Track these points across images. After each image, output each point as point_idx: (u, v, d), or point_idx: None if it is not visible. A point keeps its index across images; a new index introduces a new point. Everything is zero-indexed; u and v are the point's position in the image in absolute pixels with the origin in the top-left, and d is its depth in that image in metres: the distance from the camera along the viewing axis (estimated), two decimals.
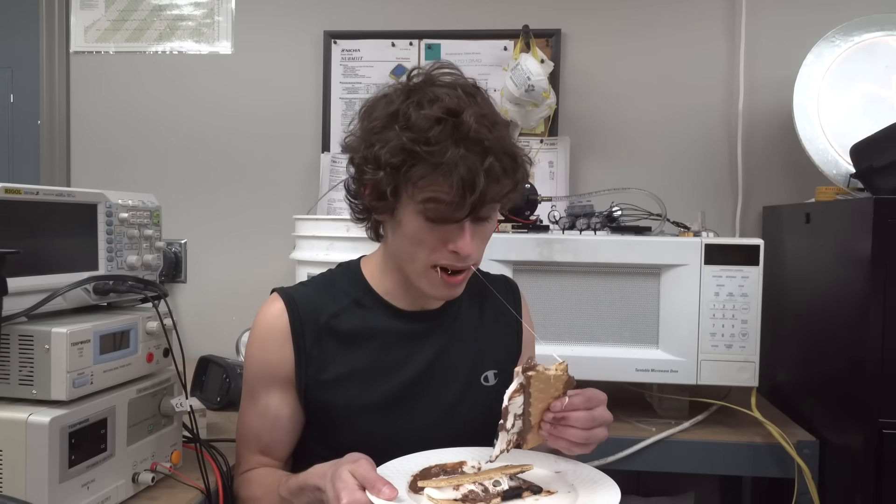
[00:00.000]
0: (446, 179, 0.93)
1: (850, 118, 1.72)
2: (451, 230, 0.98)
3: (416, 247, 1.01)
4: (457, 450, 1.02)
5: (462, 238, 0.98)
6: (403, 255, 1.04)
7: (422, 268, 1.02)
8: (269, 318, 1.10)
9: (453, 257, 1.00)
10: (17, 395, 0.95)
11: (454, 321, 1.16)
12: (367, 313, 1.12)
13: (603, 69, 2.00)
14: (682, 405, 1.55)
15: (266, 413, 1.12)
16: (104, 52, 2.15)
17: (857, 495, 1.28)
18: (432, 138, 0.93)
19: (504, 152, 0.97)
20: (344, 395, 1.09)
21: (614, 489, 0.91)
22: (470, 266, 1.03)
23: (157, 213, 1.24)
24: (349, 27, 2.06)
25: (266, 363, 1.11)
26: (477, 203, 0.95)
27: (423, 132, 0.94)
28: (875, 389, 1.26)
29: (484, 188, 0.93)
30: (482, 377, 1.15)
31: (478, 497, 0.90)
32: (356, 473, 0.88)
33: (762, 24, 1.95)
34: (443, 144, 0.93)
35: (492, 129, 0.97)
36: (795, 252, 1.64)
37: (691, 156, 1.98)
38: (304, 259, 1.71)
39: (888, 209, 1.24)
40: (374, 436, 1.08)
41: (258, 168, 2.11)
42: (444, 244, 1.00)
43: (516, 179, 1.00)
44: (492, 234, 1.06)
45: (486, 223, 1.02)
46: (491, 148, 0.95)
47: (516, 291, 1.25)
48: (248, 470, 1.14)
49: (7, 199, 0.95)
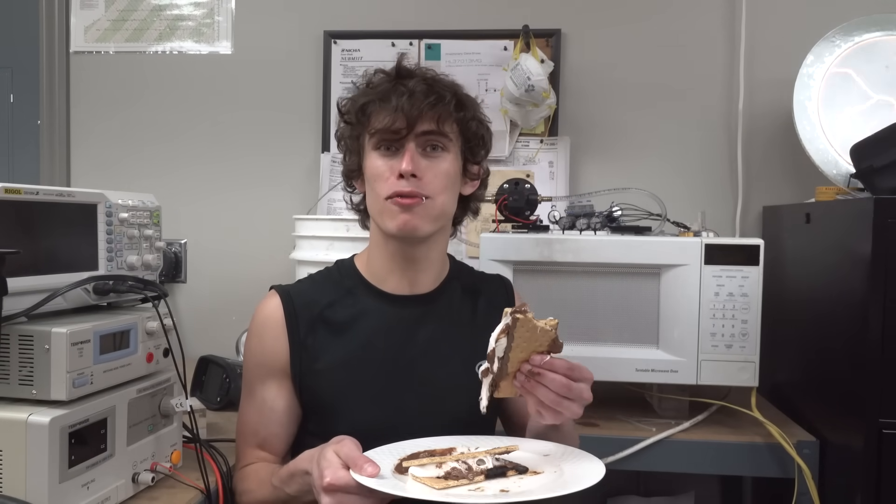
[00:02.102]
0: (384, 106, 1.08)
1: (850, 118, 1.72)
2: (399, 160, 1.08)
3: (375, 182, 1.10)
4: (447, 438, 1.03)
5: (402, 159, 1.08)
6: (370, 201, 1.14)
7: (381, 203, 1.10)
8: (265, 311, 1.15)
9: (402, 183, 1.08)
10: (17, 395, 0.95)
11: (448, 309, 1.18)
12: (359, 301, 1.15)
13: (603, 69, 2.00)
14: (682, 405, 1.55)
15: (262, 406, 1.14)
16: (104, 52, 2.15)
17: (857, 495, 1.28)
18: (377, 82, 1.13)
19: (441, 84, 1.12)
20: (337, 382, 1.11)
21: (598, 464, 0.91)
22: (421, 195, 1.08)
23: (157, 213, 1.24)
24: (349, 27, 2.05)
25: (262, 355, 1.14)
26: (409, 119, 1.07)
27: (371, 80, 1.15)
28: (875, 389, 1.26)
29: (409, 103, 1.07)
30: (476, 365, 1.16)
31: (461, 474, 0.90)
32: (340, 453, 0.90)
33: (762, 24, 1.95)
34: (383, 83, 1.12)
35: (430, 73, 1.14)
36: (795, 252, 1.64)
37: (691, 156, 1.98)
38: (304, 259, 1.71)
39: (888, 209, 1.24)
40: (368, 422, 1.09)
41: (258, 168, 2.11)
42: (394, 173, 1.08)
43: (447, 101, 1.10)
44: (447, 175, 1.12)
45: (437, 159, 1.10)
46: (426, 78, 1.11)
47: (510, 288, 1.28)
48: (245, 465, 1.15)
49: (7, 199, 0.95)
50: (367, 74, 1.17)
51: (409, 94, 1.07)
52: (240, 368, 1.46)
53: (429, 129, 1.09)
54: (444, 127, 1.10)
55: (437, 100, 1.09)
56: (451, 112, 1.11)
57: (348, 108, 1.15)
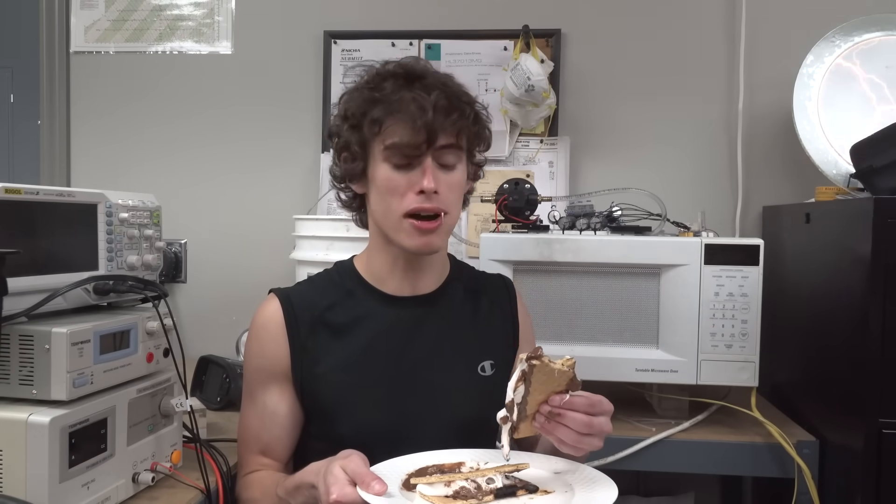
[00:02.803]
0: (401, 119, 1.04)
1: (850, 118, 1.72)
2: (416, 175, 1.06)
3: (389, 196, 1.07)
4: (455, 451, 1.02)
5: (425, 175, 1.05)
6: (380, 212, 1.10)
7: (397, 219, 1.07)
8: (264, 315, 1.14)
9: (422, 199, 1.06)
10: (17, 395, 0.95)
11: (449, 309, 1.17)
12: (359, 303, 1.14)
13: (603, 69, 2.00)
14: (682, 405, 1.55)
15: (264, 411, 1.13)
16: (104, 52, 2.15)
17: (857, 495, 1.28)
18: (387, 86, 1.07)
19: (453, 93, 1.08)
20: (339, 384, 1.10)
21: (611, 487, 0.90)
22: (441, 212, 1.07)
23: (157, 213, 1.24)
24: (349, 27, 2.05)
25: (263, 359, 1.13)
26: (429, 131, 1.03)
27: (380, 83, 1.08)
28: (875, 389, 1.26)
29: (432, 119, 1.03)
30: (479, 367, 1.16)
31: (469, 494, 0.89)
32: (347, 469, 0.89)
33: (762, 24, 1.95)
34: (395, 89, 1.06)
35: (444, 80, 1.09)
36: (795, 252, 1.64)
37: (691, 156, 1.98)
38: (304, 259, 1.71)
39: (888, 209, 1.24)
40: (370, 425, 1.09)
41: (258, 168, 2.11)
42: (412, 188, 1.06)
43: (466, 115, 1.09)
44: (462, 187, 1.12)
45: (451, 171, 1.09)
46: (439, 87, 1.07)
47: (511, 288, 1.27)
48: (249, 472, 1.14)
49: (7, 199, 0.95)
50: (370, 69, 1.12)
51: (430, 109, 1.04)
52: (240, 368, 1.46)
53: (447, 144, 1.07)
54: (461, 141, 1.09)
55: (459, 116, 1.07)
56: (470, 126, 1.10)
57: (354, 112, 1.09)
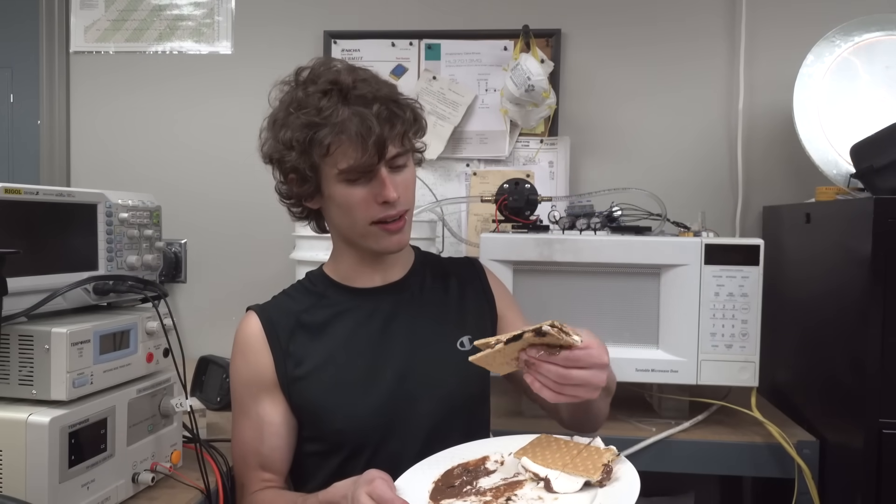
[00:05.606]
0: (349, 139, 1.04)
1: (850, 118, 1.71)
2: (373, 186, 1.08)
3: (351, 211, 1.10)
4: (477, 444, 1.03)
5: (385, 187, 1.07)
6: (345, 225, 1.13)
7: (363, 228, 1.11)
8: (245, 330, 1.16)
9: (385, 208, 1.09)
10: (17, 395, 0.96)
11: (420, 292, 1.21)
12: (332, 301, 1.18)
13: (603, 69, 2.00)
14: (683, 405, 1.55)
15: (260, 423, 1.13)
16: (104, 52, 2.15)
17: (857, 495, 1.28)
18: (324, 107, 1.05)
19: (388, 99, 1.08)
20: (325, 381, 1.11)
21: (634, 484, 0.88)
22: (404, 212, 1.11)
23: (157, 213, 1.24)
24: (349, 27, 2.05)
25: (250, 372, 1.14)
26: (380, 146, 1.04)
27: (315, 105, 1.06)
28: (875, 389, 1.26)
29: (379, 131, 1.04)
30: (458, 342, 1.18)
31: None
32: (373, 495, 0.88)
33: (762, 24, 1.94)
34: (334, 109, 1.05)
35: (374, 86, 1.08)
36: (795, 252, 1.64)
37: (691, 156, 1.98)
38: (303, 259, 1.71)
39: (888, 209, 1.24)
40: (360, 416, 1.10)
41: (258, 168, 2.09)
42: (373, 199, 1.08)
43: (407, 119, 1.10)
44: (414, 180, 1.15)
45: (404, 171, 1.11)
46: (375, 98, 1.06)
47: (479, 265, 1.31)
48: (254, 491, 1.13)
49: (7, 199, 0.95)
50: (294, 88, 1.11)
51: (376, 124, 1.04)
52: None
53: (398, 153, 1.09)
54: (407, 143, 1.12)
55: (402, 122, 1.09)
56: (411, 125, 1.12)
57: (299, 139, 1.07)
